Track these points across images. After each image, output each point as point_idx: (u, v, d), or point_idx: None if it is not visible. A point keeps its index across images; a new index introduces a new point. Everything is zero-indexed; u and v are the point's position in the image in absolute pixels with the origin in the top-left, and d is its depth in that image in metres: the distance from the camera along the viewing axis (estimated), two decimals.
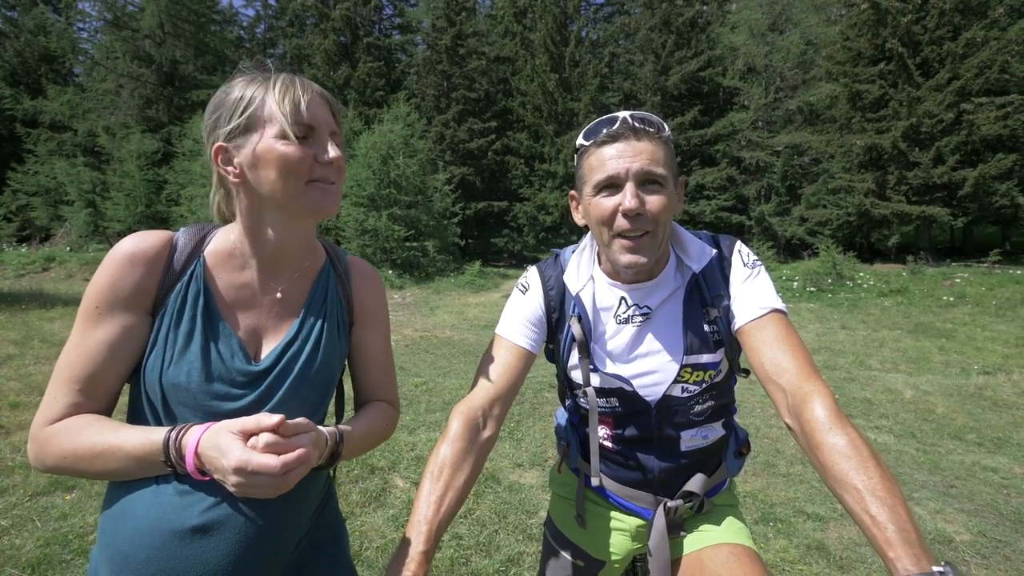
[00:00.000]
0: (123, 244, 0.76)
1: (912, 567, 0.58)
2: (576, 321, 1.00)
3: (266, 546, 0.78)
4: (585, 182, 0.95)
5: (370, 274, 0.98)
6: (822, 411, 0.75)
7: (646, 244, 0.90)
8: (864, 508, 0.65)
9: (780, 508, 2.93)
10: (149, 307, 0.78)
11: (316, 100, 0.79)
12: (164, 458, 0.71)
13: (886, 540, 0.61)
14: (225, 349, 0.79)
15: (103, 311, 0.75)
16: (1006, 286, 11.10)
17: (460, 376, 5.60)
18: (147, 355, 0.77)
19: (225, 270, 0.82)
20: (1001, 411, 4.79)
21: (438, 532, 0.76)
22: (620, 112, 0.93)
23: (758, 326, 0.91)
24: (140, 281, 0.76)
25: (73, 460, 0.71)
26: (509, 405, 0.97)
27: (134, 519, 0.73)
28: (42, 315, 7.21)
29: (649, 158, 0.89)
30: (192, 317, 0.78)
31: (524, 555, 2.41)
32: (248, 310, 0.83)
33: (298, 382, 0.82)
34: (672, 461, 1.04)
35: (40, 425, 0.74)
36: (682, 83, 20.04)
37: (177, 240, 0.81)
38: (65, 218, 19.77)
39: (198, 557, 0.72)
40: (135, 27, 22.95)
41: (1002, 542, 2.64)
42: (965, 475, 3.46)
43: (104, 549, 0.76)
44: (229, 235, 0.84)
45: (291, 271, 0.86)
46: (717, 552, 0.98)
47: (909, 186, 15.05)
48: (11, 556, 2.27)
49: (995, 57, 13.78)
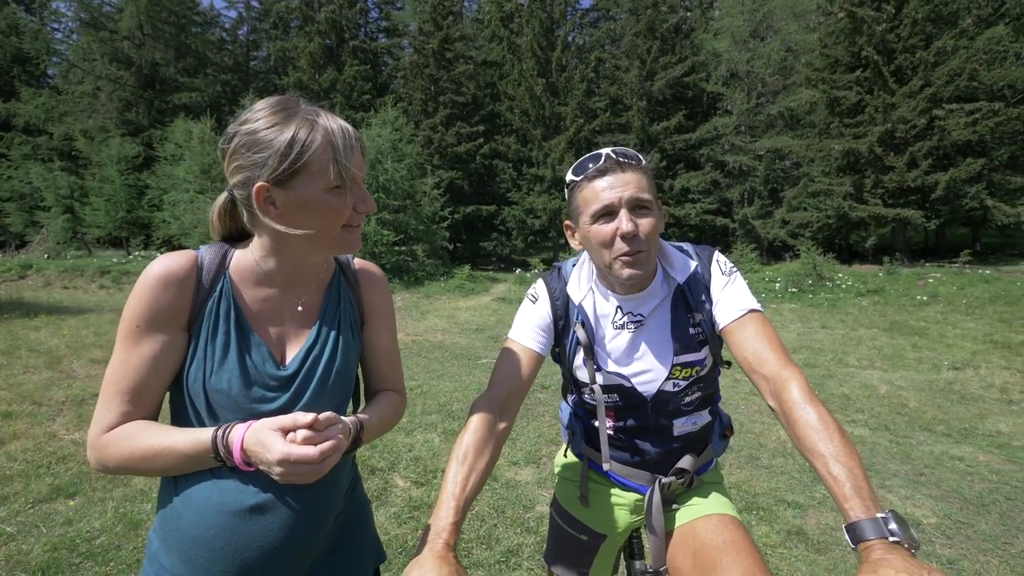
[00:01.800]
0: (153, 267, 0.83)
1: (862, 513, 0.73)
2: (580, 327, 1.14)
3: (312, 521, 0.89)
4: (581, 212, 1.08)
5: (376, 277, 1.07)
6: (797, 393, 0.90)
7: (642, 259, 1.04)
8: (828, 470, 0.80)
9: (763, 497, 3.10)
10: (184, 324, 0.85)
11: (356, 150, 0.83)
12: (214, 454, 0.80)
13: (843, 494, 0.76)
14: (257, 357, 0.87)
15: (143, 330, 0.82)
16: (976, 285, 11.54)
17: (453, 379, 5.70)
18: (188, 366, 0.85)
19: (249, 286, 0.90)
20: (968, 404, 5.04)
21: (465, 507, 0.89)
22: (603, 150, 1.07)
23: (739, 325, 1.06)
24: (174, 301, 0.83)
25: (133, 461, 0.81)
26: (522, 400, 1.11)
27: (198, 503, 0.83)
28: (26, 324, 7.13)
29: (636, 187, 1.03)
30: (227, 330, 0.86)
31: (522, 546, 2.53)
32: (272, 321, 0.91)
33: (322, 383, 0.91)
34: (666, 445, 1.19)
35: (97, 434, 0.82)
36: (667, 88, 20.38)
37: (202, 259, 0.87)
38: (41, 224, 19.35)
39: (256, 532, 0.84)
40: (113, 28, 22.60)
41: (965, 524, 2.83)
42: (934, 464, 3.67)
43: (171, 533, 0.86)
44: (249, 254, 0.90)
45: (308, 285, 0.95)
46: (707, 522, 1.12)
47: (885, 189, 15.53)
48: (20, 561, 2.32)
49: (964, 65, 14.33)
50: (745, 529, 1.11)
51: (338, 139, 0.81)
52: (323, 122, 0.81)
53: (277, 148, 0.78)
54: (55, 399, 4.29)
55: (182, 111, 21.33)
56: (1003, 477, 3.43)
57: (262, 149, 0.79)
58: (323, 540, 0.93)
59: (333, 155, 0.80)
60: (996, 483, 3.35)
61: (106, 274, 13.52)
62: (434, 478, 3.27)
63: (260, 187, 0.80)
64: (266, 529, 0.84)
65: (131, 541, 2.49)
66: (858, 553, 0.72)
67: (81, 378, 4.92)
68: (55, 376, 4.91)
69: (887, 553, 0.67)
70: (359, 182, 0.86)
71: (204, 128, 16.91)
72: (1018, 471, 3.53)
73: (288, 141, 0.78)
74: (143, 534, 2.56)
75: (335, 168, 0.80)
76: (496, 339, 8.40)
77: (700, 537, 1.10)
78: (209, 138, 16.75)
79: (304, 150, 0.79)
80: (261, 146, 0.79)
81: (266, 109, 0.82)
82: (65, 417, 3.96)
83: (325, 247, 0.88)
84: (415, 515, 2.82)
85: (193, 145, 16.65)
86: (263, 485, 0.84)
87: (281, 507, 0.85)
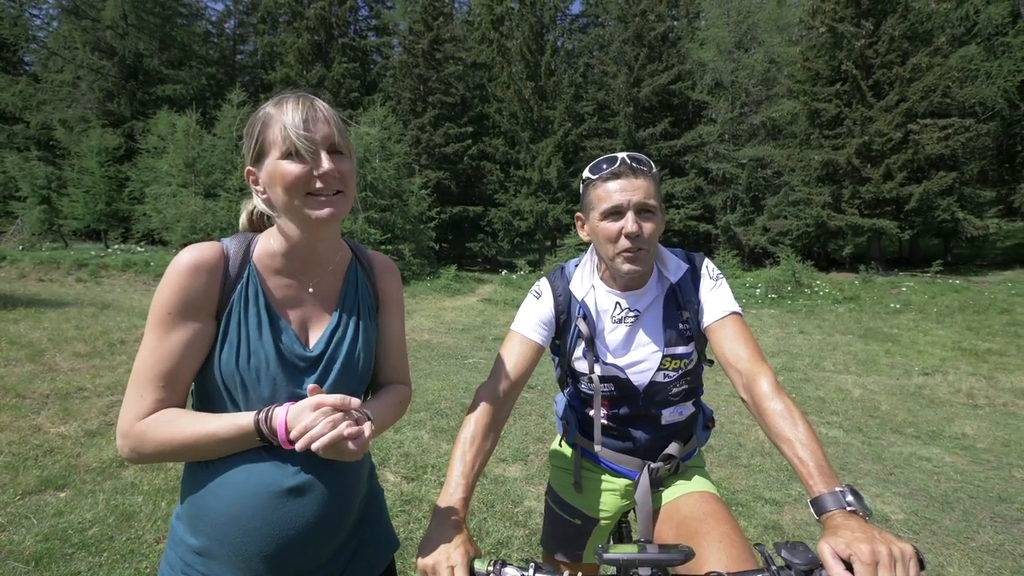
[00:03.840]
0: (183, 256, 0.86)
1: (824, 488, 0.84)
2: (583, 320, 1.24)
3: (343, 502, 0.95)
4: (592, 208, 1.18)
5: (390, 266, 1.11)
6: (766, 386, 1.02)
7: (642, 257, 1.15)
8: (794, 452, 0.91)
9: (741, 494, 3.23)
10: (213, 311, 0.88)
11: (316, 118, 0.85)
12: (259, 436, 0.84)
13: (808, 473, 0.87)
14: (286, 339, 0.92)
15: (175, 316, 0.85)
16: (946, 294, 11.98)
17: (441, 378, 5.75)
18: (219, 351, 0.88)
19: (271, 272, 0.94)
20: (937, 408, 5.28)
21: (472, 484, 0.98)
22: (619, 153, 1.17)
23: (721, 325, 1.18)
24: (205, 288, 0.87)
25: (172, 447, 0.84)
26: (522, 388, 1.20)
27: (236, 484, 0.87)
28: (4, 316, 6.98)
29: (645, 192, 1.13)
30: (257, 312, 0.90)
31: (512, 538, 2.62)
32: (293, 306, 0.95)
33: (346, 364, 0.96)
34: (655, 433, 1.30)
35: (131, 422, 0.84)
36: (653, 95, 20.69)
37: (227, 249, 0.91)
38: (16, 215, 18.82)
39: (292, 512, 0.88)
40: (96, 17, 22.12)
41: (931, 520, 3.00)
42: (903, 464, 3.85)
43: (202, 513, 0.89)
44: (269, 240, 0.94)
45: (323, 269, 0.98)
46: (689, 498, 1.24)
47: (862, 200, 16.00)
48: (12, 551, 2.32)
49: (938, 82, 14.86)
50: (723, 503, 1.23)
51: (290, 109, 0.85)
52: (291, 100, 0.86)
53: (249, 131, 0.89)
54: (39, 392, 4.25)
55: (166, 103, 20.99)
56: (967, 477, 3.63)
57: (246, 135, 0.90)
58: (350, 521, 0.98)
59: (287, 123, 0.83)
60: (960, 482, 3.53)
61: (83, 267, 13.23)
62: (424, 473, 3.33)
63: (247, 171, 0.90)
64: (302, 509, 0.89)
65: (123, 532, 2.51)
66: (821, 523, 0.83)
67: (65, 371, 4.86)
68: (38, 369, 4.84)
69: (845, 520, 0.79)
70: (318, 146, 0.85)
71: (189, 121, 16.66)
72: (981, 471, 3.72)
73: (253, 122, 0.88)
74: (135, 526, 2.57)
75: (284, 136, 0.83)
76: (482, 339, 8.47)
77: (683, 510, 1.21)
78: (193, 132, 16.52)
79: (264, 127, 0.86)
80: (246, 134, 0.90)
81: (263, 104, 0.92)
82: (50, 410, 3.92)
83: (298, 218, 0.88)
84: (407, 508, 2.88)
85: (177, 138, 16.40)
86: (299, 467, 0.89)
87: (316, 488, 0.90)
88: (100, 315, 7.65)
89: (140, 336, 6.32)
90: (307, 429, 0.80)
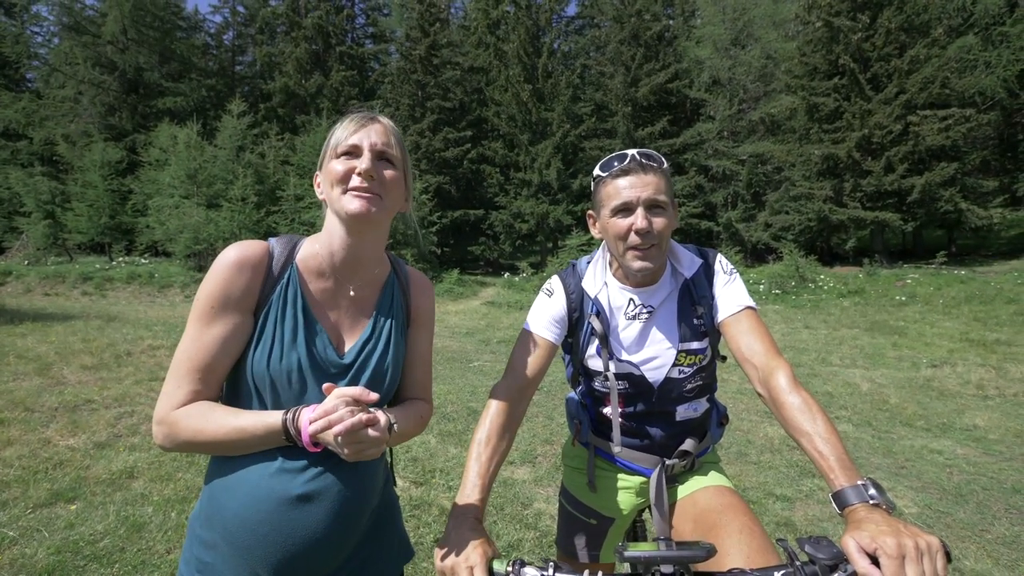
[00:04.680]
0: (230, 252, 0.89)
1: (845, 482, 0.83)
2: (595, 318, 1.23)
3: (352, 512, 0.94)
4: (603, 206, 1.18)
5: (426, 284, 1.12)
6: (784, 380, 1.01)
7: (653, 254, 1.14)
8: (814, 446, 0.90)
9: (752, 491, 3.21)
10: (253, 307, 0.91)
11: (370, 128, 0.94)
12: (285, 436, 0.85)
13: (829, 467, 0.86)
14: (320, 343, 0.94)
15: (217, 310, 0.87)
16: (952, 286, 11.91)
17: (447, 382, 5.75)
18: (253, 349, 0.89)
19: (312, 275, 0.96)
20: (946, 400, 5.24)
21: (489, 484, 0.97)
22: (629, 151, 1.16)
23: (736, 320, 1.17)
24: (248, 284, 0.89)
25: (203, 438, 0.85)
26: (537, 386, 1.19)
27: (248, 488, 0.88)
28: (11, 331, 7.01)
29: (655, 188, 1.12)
30: (294, 315, 0.92)
31: (523, 540, 2.61)
32: (331, 311, 0.97)
33: (374, 375, 0.97)
34: (670, 430, 1.28)
35: (167, 410, 0.87)
36: (651, 94, 20.69)
37: (273, 249, 0.94)
38: (21, 230, 18.94)
39: (303, 519, 0.88)
40: (96, 33, 22.31)
41: (944, 513, 2.97)
42: (914, 457, 3.82)
43: (217, 512, 0.90)
44: (314, 244, 0.98)
45: (362, 277, 1.00)
46: (705, 491, 1.22)
47: (863, 193, 15.95)
48: (24, 564, 2.33)
49: (937, 73, 14.82)
50: (740, 496, 1.21)
51: (353, 121, 0.95)
52: (351, 115, 0.97)
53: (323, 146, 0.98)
54: (47, 405, 4.26)
55: (167, 116, 21.10)
56: (980, 469, 3.59)
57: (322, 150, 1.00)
58: (358, 533, 0.98)
59: (338, 132, 0.95)
60: (973, 475, 3.50)
61: (88, 280, 13.31)
62: (432, 477, 3.33)
63: (316, 175, 1.00)
64: (310, 518, 0.88)
65: (134, 544, 2.51)
66: (844, 517, 0.81)
67: (73, 384, 4.88)
68: (46, 383, 4.86)
69: (869, 513, 0.77)
70: (364, 150, 0.93)
71: (190, 133, 16.74)
72: (994, 463, 3.69)
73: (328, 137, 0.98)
74: (146, 536, 2.58)
75: (338, 139, 0.94)
76: (487, 342, 8.46)
77: (700, 504, 1.19)
78: (195, 143, 16.61)
79: (330, 136, 0.96)
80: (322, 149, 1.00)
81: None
82: (59, 423, 3.93)
83: (336, 210, 0.94)
84: (416, 513, 2.87)
85: (179, 150, 16.48)
86: (313, 473, 0.89)
87: (324, 498, 0.90)
88: (106, 327, 7.68)
89: (147, 348, 6.35)
90: (327, 413, 0.81)
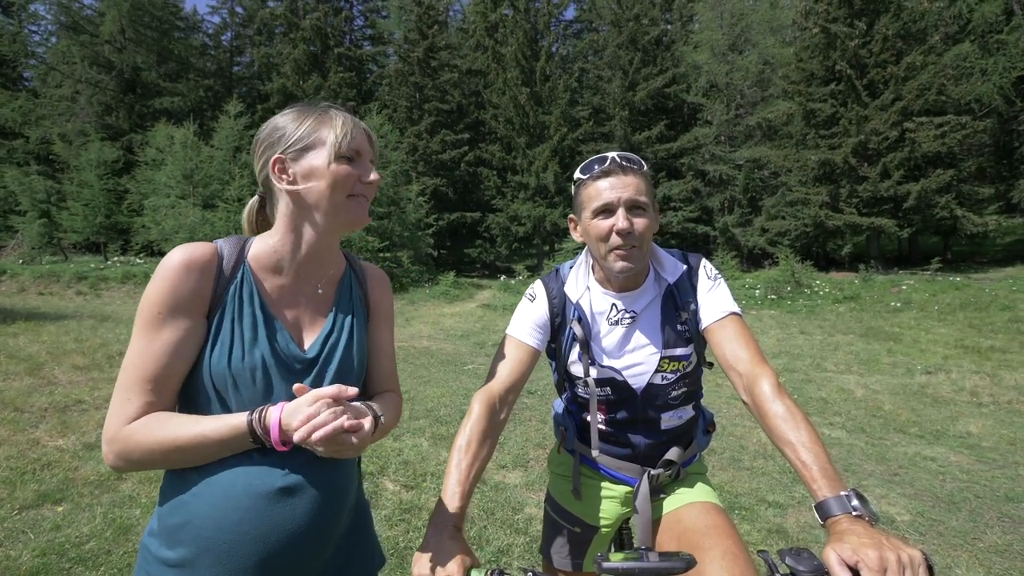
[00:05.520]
0: (175, 254, 0.85)
1: (828, 492, 0.82)
2: (577, 323, 1.22)
3: (334, 506, 0.92)
4: (584, 208, 1.18)
5: (382, 277, 1.12)
6: (768, 388, 1.00)
7: (634, 255, 1.13)
8: (797, 455, 0.89)
9: (744, 498, 3.20)
10: (205, 310, 0.87)
11: (361, 132, 0.95)
12: (252, 438, 0.81)
13: (812, 477, 0.85)
14: (282, 339, 0.91)
15: (165, 315, 0.83)
16: (947, 292, 11.95)
17: (440, 385, 5.72)
18: (210, 350, 0.86)
19: (267, 273, 0.93)
20: (940, 406, 5.24)
21: (469, 492, 0.96)
22: (609, 153, 1.17)
23: (720, 326, 1.16)
24: (197, 286, 0.85)
25: (160, 453, 0.80)
26: (519, 392, 1.18)
27: (224, 487, 0.84)
28: (3, 330, 6.96)
29: (635, 189, 1.12)
30: (252, 312, 0.89)
31: (512, 546, 2.59)
32: (289, 308, 0.94)
33: (340, 369, 0.95)
34: (654, 438, 1.27)
35: (118, 427, 0.81)
36: (648, 99, 20.78)
37: (221, 249, 0.90)
38: (16, 229, 18.86)
39: (283, 515, 0.85)
40: (94, 32, 22.29)
41: (937, 520, 2.97)
42: (908, 464, 3.82)
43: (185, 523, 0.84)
44: (268, 241, 0.94)
45: (321, 274, 0.99)
46: (691, 509, 1.20)
47: (859, 199, 16.01)
48: (8, 567, 2.30)
49: (933, 80, 14.91)
50: (726, 515, 1.19)
51: (343, 120, 0.93)
52: (334, 111, 0.94)
53: (292, 128, 0.92)
54: (37, 405, 4.22)
55: (164, 116, 21.07)
56: (973, 476, 3.59)
57: (281, 131, 0.92)
58: (341, 526, 0.96)
59: (338, 131, 0.91)
60: (966, 482, 3.50)
61: (83, 280, 13.23)
62: (424, 481, 3.30)
63: (276, 158, 0.91)
64: (293, 511, 0.86)
65: (121, 546, 2.48)
66: (826, 528, 0.81)
67: (63, 384, 4.84)
68: (36, 383, 4.81)
69: (851, 525, 0.76)
70: (364, 158, 0.95)
71: (187, 133, 16.72)
72: (987, 471, 3.69)
73: (301, 122, 0.92)
74: (133, 539, 2.54)
75: (340, 141, 0.91)
76: (482, 345, 8.45)
77: (684, 522, 1.17)
78: (191, 143, 16.58)
79: (313, 129, 0.91)
80: (280, 129, 0.92)
81: (289, 109, 0.96)
82: (48, 424, 3.89)
83: (333, 215, 0.92)
84: (406, 517, 2.85)
85: (175, 150, 16.45)
86: (289, 468, 0.86)
87: (307, 489, 0.87)
88: (99, 327, 7.63)
89: None
90: (310, 418, 0.79)
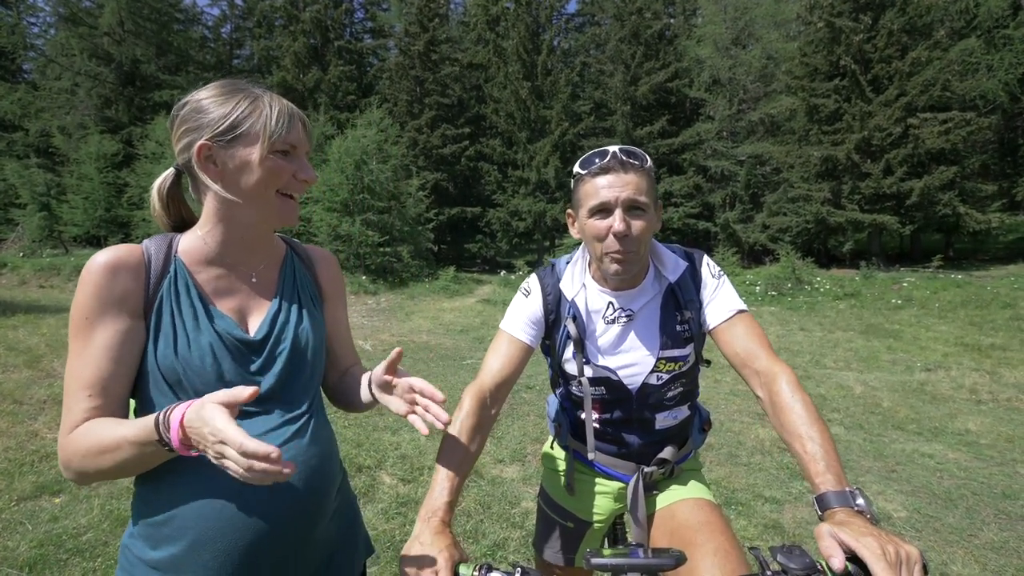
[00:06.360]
0: (97, 258, 0.81)
1: (832, 487, 0.81)
2: (571, 321, 1.20)
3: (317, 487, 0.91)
4: (581, 205, 1.14)
5: (329, 258, 1.10)
6: (786, 384, 1.00)
7: (630, 259, 1.10)
8: (804, 449, 0.88)
9: (741, 493, 3.20)
10: (138, 309, 0.83)
11: (298, 123, 0.89)
12: (157, 437, 0.71)
13: (817, 471, 0.84)
14: (225, 324, 0.88)
15: (94, 320, 0.80)
16: (948, 290, 11.92)
17: (439, 379, 5.73)
18: (153, 346, 0.83)
19: (200, 266, 0.90)
20: (939, 404, 5.24)
21: (459, 487, 0.95)
22: (610, 147, 1.12)
23: (729, 325, 1.13)
24: (126, 287, 0.82)
25: (91, 458, 0.76)
26: (510, 388, 1.17)
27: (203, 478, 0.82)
28: (3, 323, 6.98)
29: (635, 189, 1.08)
30: (191, 303, 0.86)
31: (508, 540, 2.59)
32: (229, 296, 0.92)
33: (294, 349, 0.93)
34: (648, 438, 1.25)
35: (63, 435, 0.79)
36: (651, 93, 20.64)
37: (148, 248, 0.87)
38: (16, 222, 18.84)
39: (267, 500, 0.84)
40: (93, 24, 22.15)
41: (933, 517, 2.97)
42: (905, 461, 3.82)
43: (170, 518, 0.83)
44: (197, 233, 0.91)
45: (258, 261, 0.96)
46: (684, 505, 1.19)
47: (862, 195, 15.93)
48: (5, 557, 2.31)
49: (938, 76, 14.78)
50: (720, 511, 1.18)
51: (279, 109, 0.86)
52: (266, 96, 0.87)
53: (221, 112, 0.84)
54: (36, 398, 4.23)
55: (163, 109, 20.96)
56: (970, 474, 3.59)
57: (207, 113, 0.84)
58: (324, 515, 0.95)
59: (274, 122, 0.85)
60: (963, 479, 3.50)
61: None
62: (421, 475, 3.31)
63: (201, 145, 0.84)
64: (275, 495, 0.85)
65: (118, 538, 2.49)
66: (824, 519, 0.78)
67: (62, 377, 4.83)
68: (35, 375, 4.83)
69: (851, 517, 0.74)
70: (300, 152, 0.90)
71: None
72: (984, 468, 3.69)
73: (231, 107, 0.85)
74: None
75: (275, 133, 0.85)
76: (481, 340, 8.44)
77: (678, 518, 1.16)
78: None
79: (245, 116, 0.84)
80: (206, 111, 0.85)
81: (213, 86, 0.88)
82: (47, 416, 3.91)
83: (263, 212, 0.89)
84: (403, 511, 2.86)
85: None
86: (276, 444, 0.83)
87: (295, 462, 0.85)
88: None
89: None
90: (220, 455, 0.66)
